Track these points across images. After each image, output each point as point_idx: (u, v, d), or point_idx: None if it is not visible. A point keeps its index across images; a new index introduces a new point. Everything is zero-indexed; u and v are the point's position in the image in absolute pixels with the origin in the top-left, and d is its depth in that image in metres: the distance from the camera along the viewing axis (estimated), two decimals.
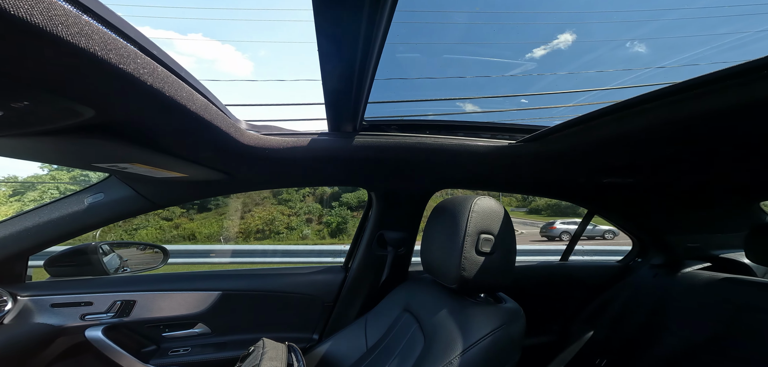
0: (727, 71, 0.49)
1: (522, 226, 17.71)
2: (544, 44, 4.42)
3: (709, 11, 6.90)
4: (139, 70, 0.41)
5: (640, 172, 1.02)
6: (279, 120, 0.90)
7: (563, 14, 4.29)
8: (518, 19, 2.57)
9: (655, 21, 6.10)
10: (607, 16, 5.33)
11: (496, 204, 0.81)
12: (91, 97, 0.44)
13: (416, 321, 0.88)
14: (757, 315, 1.08)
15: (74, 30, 0.32)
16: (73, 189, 11.01)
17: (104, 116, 0.50)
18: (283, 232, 14.18)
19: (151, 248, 1.56)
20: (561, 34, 5.01)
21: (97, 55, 0.35)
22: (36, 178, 15.22)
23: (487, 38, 1.92)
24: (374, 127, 0.93)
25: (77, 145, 0.59)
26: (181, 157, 0.75)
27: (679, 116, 0.59)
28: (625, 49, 10.19)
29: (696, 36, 6.54)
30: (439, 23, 1.33)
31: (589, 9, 5.44)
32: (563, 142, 0.84)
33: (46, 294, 1.07)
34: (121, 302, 1.13)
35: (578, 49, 5.79)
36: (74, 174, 14.18)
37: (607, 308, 1.62)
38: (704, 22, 6.41)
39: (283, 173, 1.10)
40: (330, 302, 1.32)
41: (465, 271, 0.76)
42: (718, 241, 1.52)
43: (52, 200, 1.05)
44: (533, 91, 1.88)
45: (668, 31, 6.64)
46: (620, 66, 7.28)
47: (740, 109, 0.53)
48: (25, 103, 0.41)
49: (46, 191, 14.18)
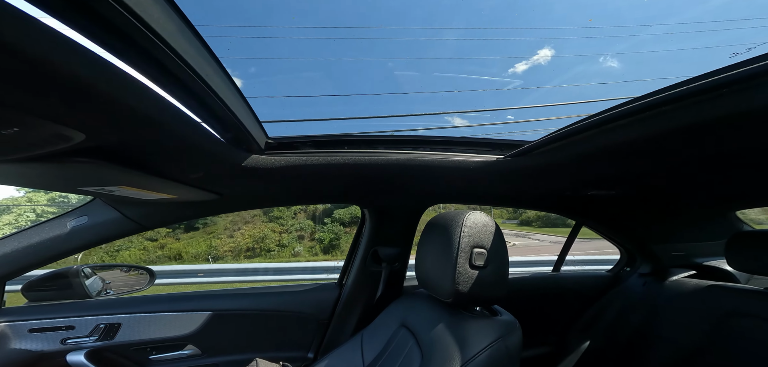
0: (697, 87, 0.52)
1: (514, 238, 17.87)
2: (525, 59, 4.62)
3: (680, 27, 7.36)
4: (129, 93, 0.41)
5: (622, 185, 1.06)
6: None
7: (542, 31, 4.50)
8: (500, 35, 2.69)
9: (631, 37, 6.47)
10: (583, 32, 5.62)
11: (487, 218, 0.83)
12: (81, 121, 0.44)
13: (413, 337, 0.88)
14: (743, 321, 1.11)
15: (68, 55, 0.32)
16: (50, 211, 10.51)
17: (94, 140, 0.49)
18: (274, 249, 13.87)
19: (136, 269, 1.51)
20: (541, 49, 5.26)
21: (88, 80, 0.35)
22: (12, 200, 14.58)
23: (473, 53, 1.99)
24: (365, 143, 0.95)
25: (64, 170, 0.58)
26: (169, 178, 0.74)
27: (654, 131, 0.62)
28: (599, 63, 10.72)
29: (667, 51, 6.95)
30: (430, 39, 1.38)
31: (565, 24, 5.73)
32: (547, 156, 0.88)
33: (24, 319, 1.03)
34: (105, 325, 1.08)
35: (557, 64, 6.07)
36: (52, 196, 13.64)
37: (600, 318, 1.64)
38: (675, 37, 6.82)
39: (274, 192, 1.10)
40: (325, 319, 1.30)
41: (460, 285, 0.76)
42: (701, 249, 1.57)
43: (33, 223, 1.02)
44: (519, 106, 1.95)
45: (641, 47, 7.04)
46: (597, 80, 7.62)
47: (709, 124, 0.56)
48: (14, 129, 0.40)
49: (21, 214, 13.56)
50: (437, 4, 56.89)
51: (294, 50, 22.59)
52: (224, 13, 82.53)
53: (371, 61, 26.00)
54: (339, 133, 0.95)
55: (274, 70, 21.38)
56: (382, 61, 24.48)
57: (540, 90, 19.05)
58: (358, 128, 10.74)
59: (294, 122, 2.71)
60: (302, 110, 19.90)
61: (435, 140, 1.01)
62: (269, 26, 31.96)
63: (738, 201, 1.28)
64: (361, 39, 34.24)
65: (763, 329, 1.06)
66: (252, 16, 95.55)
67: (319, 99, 16.35)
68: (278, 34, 19.27)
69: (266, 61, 21.87)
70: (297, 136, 0.92)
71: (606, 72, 23.27)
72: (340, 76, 34.30)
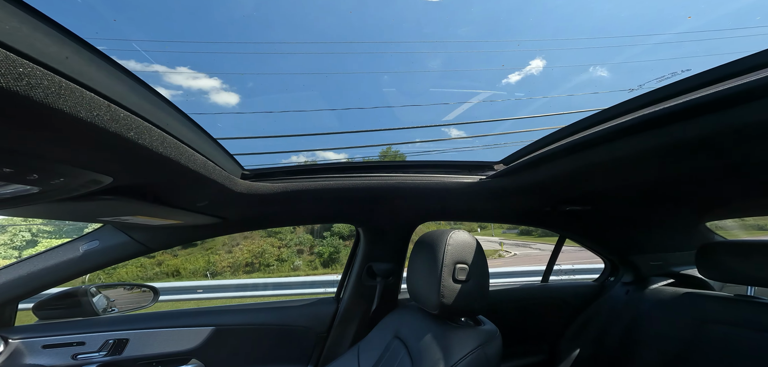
0: (664, 111, 0.55)
1: (515, 248, 17.84)
2: (518, 70, 4.75)
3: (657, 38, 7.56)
4: (153, 142, 0.47)
5: (595, 201, 1.14)
6: (268, 152, 1.01)
7: (534, 42, 4.65)
8: (492, 46, 2.80)
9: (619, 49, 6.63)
10: (572, 43, 5.78)
11: (468, 237, 0.91)
12: (112, 168, 0.51)
13: (404, 347, 0.94)
14: (719, 327, 1.16)
15: (106, 117, 0.37)
16: (46, 230, 10.36)
17: (119, 182, 0.57)
18: (273, 264, 13.77)
19: (140, 287, 1.56)
20: (532, 60, 5.41)
21: (121, 134, 0.40)
22: (7, 220, 14.47)
23: (466, 66, 2.09)
24: (363, 169, 1.04)
25: (90, 206, 0.66)
26: (178, 207, 0.82)
27: (622, 153, 0.69)
28: (589, 73, 10.96)
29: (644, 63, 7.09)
30: (423, 52, 1.49)
31: (556, 35, 5.91)
32: (525, 177, 0.96)
33: (37, 336, 1.08)
34: (113, 341, 1.14)
35: (549, 74, 6.22)
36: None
37: (589, 326, 1.70)
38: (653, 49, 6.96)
39: (273, 214, 1.18)
40: (323, 332, 1.35)
41: (444, 298, 0.84)
42: (676, 258, 1.64)
43: (48, 249, 1.09)
44: (514, 117, 2.04)
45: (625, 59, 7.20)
46: (588, 90, 7.79)
47: (673, 147, 0.61)
48: (61, 179, 0.47)
49: (17, 233, 13.45)
50: (430, 20, 58.62)
51: (291, 66, 23.04)
52: (224, 28, 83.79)
53: (367, 75, 26.39)
54: (332, 160, 1.05)
55: (275, 89, 21.62)
56: (377, 75, 24.83)
57: (534, 100, 19.75)
58: (355, 141, 10.83)
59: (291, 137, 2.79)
60: (296, 125, 20.14)
61: (421, 164, 1.10)
62: (260, 42, 32.48)
63: (706, 214, 1.37)
64: (361, 53, 34.93)
65: (735, 335, 1.11)
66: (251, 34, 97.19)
67: (314, 113, 16.78)
68: (276, 49, 19.67)
69: (264, 77, 22.24)
70: (287, 165, 1.02)
71: (597, 81, 24.00)
72: (335, 90, 34.97)
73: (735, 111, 0.51)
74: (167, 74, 16.37)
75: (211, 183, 0.72)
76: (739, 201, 1.17)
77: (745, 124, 0.52)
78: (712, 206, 1.27)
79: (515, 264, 9.58)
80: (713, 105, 0.52)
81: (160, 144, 0.49)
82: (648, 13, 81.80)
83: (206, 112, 18.02)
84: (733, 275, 1.15)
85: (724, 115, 0.52)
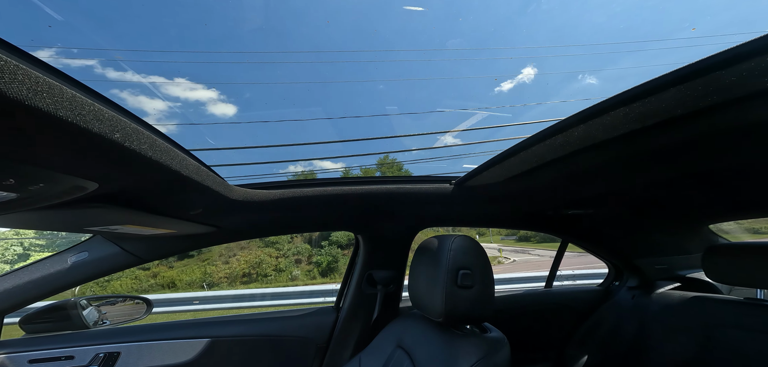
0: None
1: (514, 254, 17.78)
2: (510, 78, 4.80)
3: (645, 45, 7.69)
4: (142, 146, 0.44)
5: (597, 204, 1.12)
6: (264, 162, 0.99)
7: (524, 49, 4.70)
8: (487, 54, 2.82)
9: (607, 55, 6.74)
10: (562, 50, 5.86)
11: (471, 242, 0.88)
12: (97, 173, 0.47)
13: (408, 356, 0.90)
14: (729, 331, 1.14)
15: (89, 117, 0.34)
16: (39, 244, 10.18)
17: (106, 188, 0.53)
18: (271, 274, 13.61)
19: (133, 299, 1.51)
20: (524, 68, 5.46)
21: (105, 136, 0.37)
22: None
23: (460, 74, 2.10)
24: (359, 182, 1.02)
25: (75, 215, 0.62)
26: (170, 215, 0.78)
27: (618, 155, 0.67)
28: (578, 81, 11.06)
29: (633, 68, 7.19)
30: (419, 61, 1.48)
31: (546, 43, 5.98)
32: (526, 181, 0.94)
33: (24, 350, 1.03)
34: (104, 355, 1.09)
35: (540, 81, 6.27)
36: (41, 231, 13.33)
37: (595, 332, 1.66)
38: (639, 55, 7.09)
39: (269, 222, 1.15)
40: (323, 343, 1.31)
41: (448, 305, 0.80)
42: (682, 262, 1.62)
43: (35, 261, 1.05)
44: (507, 124, 2.04)
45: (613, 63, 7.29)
46: (580, 97, 7.87)
47: (674, 148, 0.59)
48: (40, 185, 0.44)
49: (9, 247, 13.24)
50: (424, 30, 59.14)
51: (288, 75, 23.26)
52: (222, 42, 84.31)
53: (363, 84, 26.67)
54: (330, 169, 1.03)
55: (271, 101, 22.00)
56: (374, 84, 25.08)
57: (527, 107, 20.05)
58: (356, 149, 10.85)
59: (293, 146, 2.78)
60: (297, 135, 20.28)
61: (417, 180, 1.09)
62: (258, 52, 32.77)
63: (708, 217, 1.35)
64: (356, 63, 35.16)
65: (745, 339, 1.09)
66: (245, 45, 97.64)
67: (310, 123, 16.94)
68: (271, 58, 19.89)
69: (261, 86, 22.43)
70: (286, 180, 0.99)
71: (586, 89, 24.31)
72: (333, 100, 35.15)
73: (729, 111, 0.48)
74: (164, 85, 16.42)
75: (205, 190, 0.69)
76: (745, 202, 1.16)
77: (745, 124, 0.50)
78: (717, 207, 1.25)
79: (515, 270, 9.52)
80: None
81: (149, 147, 0.46)
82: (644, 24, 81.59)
83: (203, 122, 17.97)
84: (741, 278, 1.13)
85: (717, 114, 0.49)
